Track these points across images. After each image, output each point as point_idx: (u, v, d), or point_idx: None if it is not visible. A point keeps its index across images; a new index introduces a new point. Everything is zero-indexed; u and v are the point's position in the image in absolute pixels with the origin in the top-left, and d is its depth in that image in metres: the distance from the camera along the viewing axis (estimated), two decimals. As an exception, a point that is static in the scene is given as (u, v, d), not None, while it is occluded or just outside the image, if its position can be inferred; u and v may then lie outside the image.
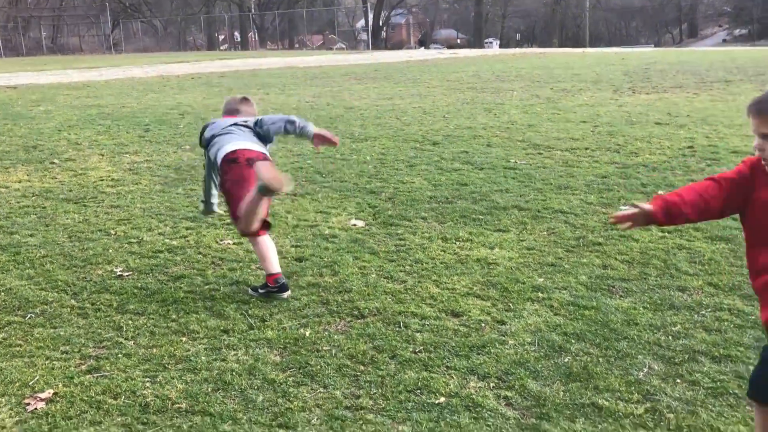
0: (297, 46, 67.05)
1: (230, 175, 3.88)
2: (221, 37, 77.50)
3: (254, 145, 4.01)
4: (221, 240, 4.95)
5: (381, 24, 76.43)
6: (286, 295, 3.87)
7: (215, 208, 4.50)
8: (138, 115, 12.04)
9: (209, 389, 2.96)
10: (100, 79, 21.10)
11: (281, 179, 3.51)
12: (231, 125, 4.17)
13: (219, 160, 3.95)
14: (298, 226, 5.23)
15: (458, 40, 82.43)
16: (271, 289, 3.87)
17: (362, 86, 17.12)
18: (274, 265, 3.88)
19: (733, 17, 71.25)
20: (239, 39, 71.66)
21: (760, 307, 2.18)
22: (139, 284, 4.13)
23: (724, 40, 72.38)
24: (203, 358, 3.23)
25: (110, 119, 11.51)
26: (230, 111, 4.43)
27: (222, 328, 3.53)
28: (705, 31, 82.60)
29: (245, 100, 4.51)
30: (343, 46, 66.05)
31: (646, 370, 3.05)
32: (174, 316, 3.68)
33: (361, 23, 73.30)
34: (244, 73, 23.38)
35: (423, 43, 77.55)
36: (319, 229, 5.16)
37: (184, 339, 3.43)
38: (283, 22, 69.39)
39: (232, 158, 3.89)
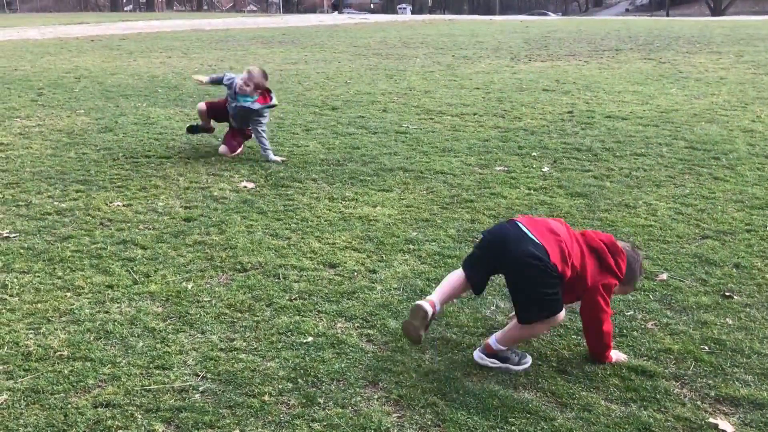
0: (206, 8, 65.10)
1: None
2: (125, -2, 74.21)
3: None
4: (111, 202, 5.05)
5: (293, -13, 74.96)
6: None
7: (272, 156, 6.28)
8: (31, 78, 11.66)
9: (91, 338, 3.15)
10: (-9, 41, 20.06)
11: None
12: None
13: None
14: (189, 188, 5.39)
15: (372, 5, 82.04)
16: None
17: (268, 50, 17.04)
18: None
19: (634, -13, 73.94)
20: (144, 0, 68.84)
21: None
22: (26, 245, 4.22)
23: (627, 10, 75.09)
24: (87, 311, 3.40)
25: (0, 83, 11.10)
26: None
27: (107, 283, 3.70)
28: (610, 0, 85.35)
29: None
30: (255, 9, 64.60)
31: (493, 308, 3.45)
32: (60, 274, 3.82)
33: (272, -15, 71.69)
34: (148, 35, 22.72)
35: (336, 7, 76.73)
36: (210, 191, 5.34)
37: (69, 294, 3.58)
38: (190, -17, 67.09)
39: None
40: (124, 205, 4.98)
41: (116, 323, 3.27)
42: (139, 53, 16.24)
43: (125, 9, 67.30)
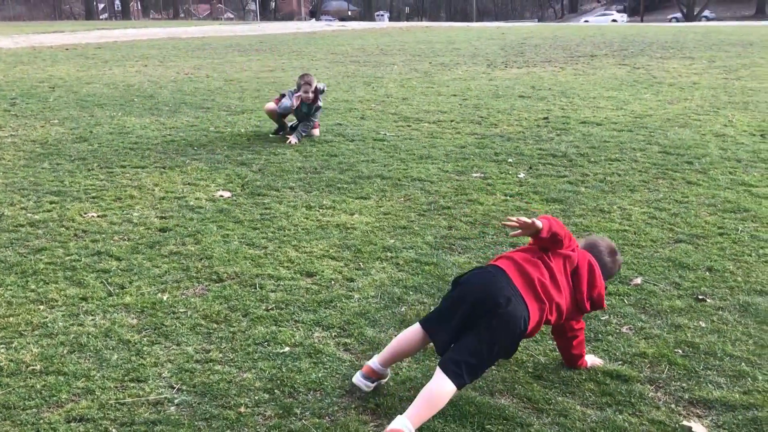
0: (183, 16, 64.78)
1: None
2: (101, 6, 73.70)
3: None
4: (85, 213, 5.00)
5: (270, -6, 74.95)
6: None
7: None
8: (4, 88, 11.52)
9: (65, 351, 3.11)
10: (-37, 50, 19.79)
11: None
12: None
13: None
14: (164, 198, 5.35)
15: (349, 12, 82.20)
16: None
17: (245, 58, 17.00)
18: None
19: (609, -6, 74.87)
20: (120, 8, 68.35)
21: None
22: (-2, 258, 4.16)
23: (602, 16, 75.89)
24: (60, 323, 3.36)
25: (-27, 93, 10.96)
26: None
27: (81, 295, 3.66)
28: (585, 6, 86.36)
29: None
30: (232, 17, 64.45)
31: (470, 315, 3.46)
32: (33, 287, 3.77)
33: (249, -7, 71.59)
34: (123, 44, 22.57)
35: (314, 14, 76.75)
36: (185, 200, 5.31)
37: (42, 307, 3.53)
38: (167, -9, 66.77)
39: None
40: (98, 216, 4.93)
41: (90, 336, 3.24)
42: (114, 62, 16.12)
43: (100, 17, 66.79)
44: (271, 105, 7.48)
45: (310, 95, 7.32)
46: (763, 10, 59.37)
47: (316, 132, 7.62)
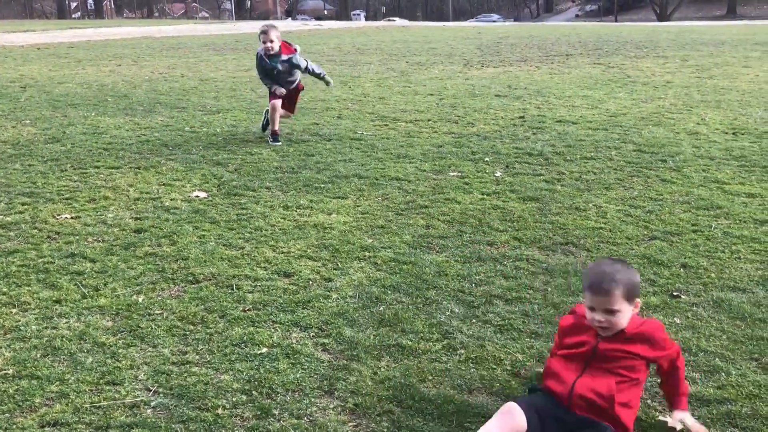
0: (157, 14, 64.17)
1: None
2: (73, 5, 72.70)
3: None
4: (59, 215, 4.93)
5: (245, -7, 74.55)
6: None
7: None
8: (-26, 88, 11.31)
9: (38, 355, 3.06)
10: (-69, 49, 19.41)
11: None
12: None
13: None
14: (139, 199, 5.29)
15: (326, 12, 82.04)
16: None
17: (220, 57, 16.89)
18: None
19: (583, -7, 75.61)
20: (93, 7, 67.51)
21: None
22: (-32, 261, 4.08)
23: (577, 16, 76.69)
24: (33, 327, 3.30)
25: (-59, 93, 10.76)
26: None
27: (54, 298, 3.60)
28: (560, 6, 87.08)
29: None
30: (207, 16, 64.02)
31: (448, 313, 3.47)
32: (5, 290, 3.70)
33: (224, -8, 71.17)
34: (97, 43, 22.29)
35: (289, 13, 76.49)
36: (161, 201, 5.25)
37: (14, 311, 3.47)
38: (140, -10, 66.08)
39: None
40: (72, 218, 4.86)
41: (64, 339, 3.19)
42: (87, 61, 15.91)
43: (73, 16, 65.90)
44: (277, 103, 7.17)
45: (271, 45, 6.92)
46: (734, 10, 60.33)
47: (323, 71, 7.56)
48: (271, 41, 6.96)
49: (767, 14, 54.75)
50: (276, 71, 7.14)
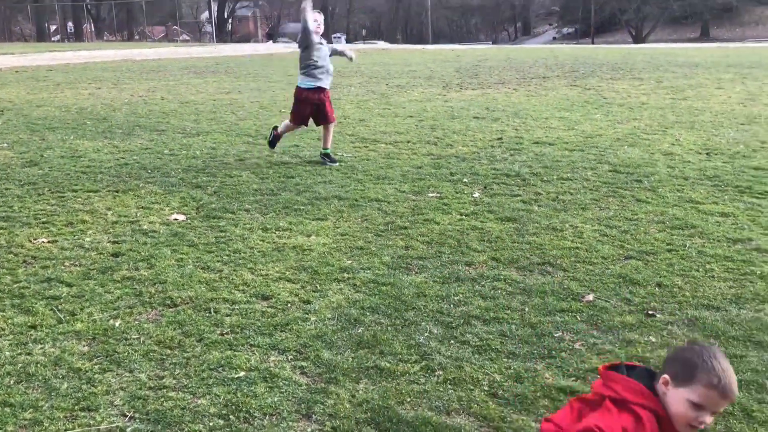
0: (137, 38, 64.14)
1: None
2: (53, 28, 72.48)
3: None
4: (35, 239, 4.89)
5: (226, 16, 74.92)
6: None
7: None
8: (-50, 111, 11.22)
9: (11, 382, 3.02)
10: None
11: None
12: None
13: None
14: (117, 222, 5.26)
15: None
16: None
17: (201, 80, 16.90)
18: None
19: (560, 16, 76.74)
20: (72, 30, 67.34)
21: None
22: (-58, 286, 4.03)
23: (554, 38, 77.77)
24: (7, 353, 3.26)
25: None
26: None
27: (29, 323, 3.57)
28: (538, 29, 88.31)
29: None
30: (188, 39, 64.12)
31: (426, 334, 3.48)
32: (-21, 316, 3.66)
33: (205, 15, 71.46)
34: (76, 66, 22.22)
35: (271, 36, 76.79)
36: (139, 224, 5.23)
37: (-12, 337, 3.43)
38: (121, 13, 66.04)
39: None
40: (49, 242, 4.83)
41: (39, 365, 3.15)
42: (66, 84, 15.86)
43: (52, 39, 65.68)
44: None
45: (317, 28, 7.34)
46: (708, 33, 61.53)
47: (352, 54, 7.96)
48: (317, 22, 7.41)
49: (739, 37, 55.96)
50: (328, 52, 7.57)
